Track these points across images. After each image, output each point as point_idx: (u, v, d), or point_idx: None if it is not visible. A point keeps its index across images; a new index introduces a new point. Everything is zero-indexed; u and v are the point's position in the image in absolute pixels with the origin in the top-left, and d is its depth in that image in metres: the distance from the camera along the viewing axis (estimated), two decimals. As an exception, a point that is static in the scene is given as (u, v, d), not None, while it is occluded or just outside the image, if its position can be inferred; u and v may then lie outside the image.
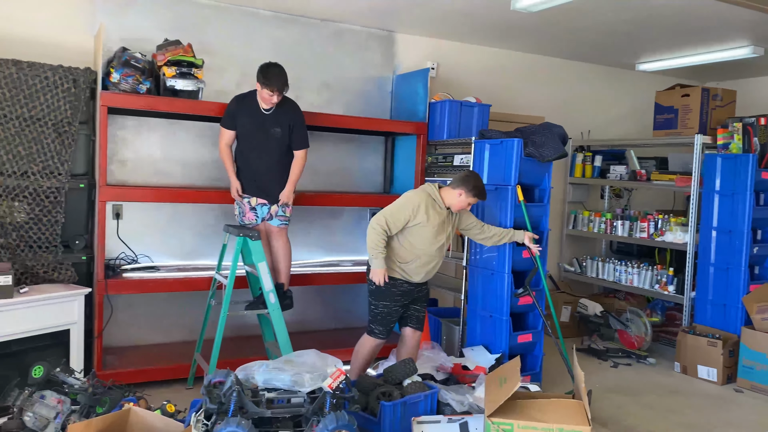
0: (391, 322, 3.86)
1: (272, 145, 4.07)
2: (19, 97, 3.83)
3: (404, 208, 3.71)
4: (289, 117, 4.09)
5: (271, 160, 4.09)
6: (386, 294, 3.80)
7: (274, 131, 4.03)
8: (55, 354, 3.60)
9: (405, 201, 3.75)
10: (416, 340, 3.97)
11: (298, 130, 4.12)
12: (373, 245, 3.67)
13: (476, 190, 3.78)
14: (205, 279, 4.31)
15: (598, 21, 4.90)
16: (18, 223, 3.88)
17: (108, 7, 4.40)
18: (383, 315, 3.82)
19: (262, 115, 4.05)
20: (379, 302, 3.82)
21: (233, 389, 2.83)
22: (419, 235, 3.74)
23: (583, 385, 3.06)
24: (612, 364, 5.14)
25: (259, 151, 4.09)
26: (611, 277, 5.88)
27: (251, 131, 4.08)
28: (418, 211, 3.69)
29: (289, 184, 4.13)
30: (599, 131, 6.71)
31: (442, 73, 5.71)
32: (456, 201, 3.79)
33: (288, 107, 4.11)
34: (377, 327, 3.85)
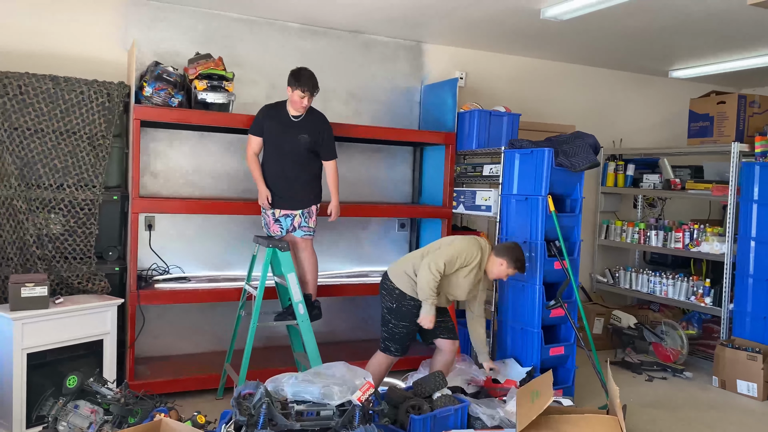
0: (408, 340, 3.85)
1: (299, 152, 4.06)
2: (55, 112, 3.92)
3: (463, 254, 3.73)
4: (317, 126, 4.09)
5: (296, 166, 4.08)
6: (407, 315, 3.78)
7: (302, 137, 4.04)
8: (89, 364, 3.65)
9: (463, 247, 3.77)
10: (454, 350, 3.93)
11: (327, 141, 4.12)
12: (429, 289, 3.66)
13: (518, 263, 3.82)
14: (235, 290, 4.33)
15: (629, 28, 4.83)
16: (54, 235, 3.96)
17: (141, 22, 4.49)
18: (402, 335, 3.80)
19: (290, 122, 4.07)
20: (399, 322, 3.80)
21: (263, 401, 2.83)
22: (457, 277, 3.77)
23: (618, 401, 2.99)
24: (647, 377, 5.02)
25: (284, 157, 4.10)
26: (645, 288, 5.75)
27: (278, 137, 4.09)
28: (472, 262, 3.74)
29: (333, 196, 4.17)
30: (631, 139, 6.60)
31: (471, 82, 5.68)
32: (496, 269, 3.83)
33: (316, 117, 4.13)
34: (394, 345, 3.83)
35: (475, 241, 3.85)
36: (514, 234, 4.42)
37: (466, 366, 4.24)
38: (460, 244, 3.81)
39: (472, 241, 3.84)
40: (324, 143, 4.11)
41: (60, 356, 3.59)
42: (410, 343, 3.88)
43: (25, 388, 3.42)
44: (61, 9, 4.28)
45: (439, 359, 3.93)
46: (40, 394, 3.41)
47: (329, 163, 4.15)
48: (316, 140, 4.07)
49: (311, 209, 4.13)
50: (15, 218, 3.84)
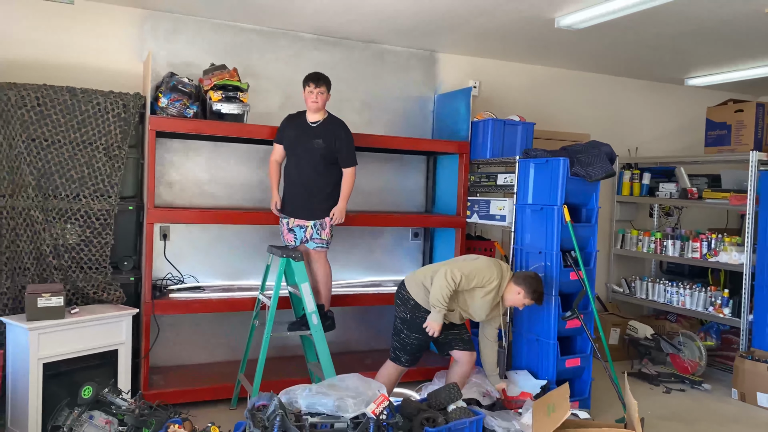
0: (419, 352, 3.83)
1: (314, 158, 4.05)
2: (72, 123, 3.95)
3: (481, 273, 3.71)
4: (334, 133, 4.07)
5: (312, 174, 4.07)
6: (420, 326, 3.75)
7: (316, 142, 4.03)
8: (103, 374, 3.66)
9: (484, 267, 3.74)
10: (471, 362, 3.89)
11: (345, 147, 4.09)
12: (441, 297, 3.63)
13: (536, 294, 3.77)
14: (249, 299, 4.33)
15: (644, 36, 4.80)
16: (70, 245, 3.98)
17: (156, 34, 4.53)
18: (414, 346, 3.79)
19: (307, 128, 4.08)
20: (412, 333, 3.78)
21: (277, 413, 2.83)
22: (473, 297, 3.75)
23: (637, 414, 2.94)
24: (664, 389, 4.94)
25: (300, 164, 4.10)
26: (662, 298, 5.68)
27: (295, 143, 4.11)
28: (490, 284, 3.71)
29: (341, 200, 4.10)
30: (647, 148, 6.54)
31: (484, 91, 5.67)
32: (512, 297, 3.80)
33: (334, 124, 4.11)
34: (405, 356, 3.81)
35: (497, 264, 3.82)
36: (529, 244, 4.39)
37: (482, 378, 4.21)
38: (483, 263, 3.78)
39: (494, 263, 3.81)
40: (341, 149, 4.07)
41: (75, 366, 3.60)
42: (421, 354, 3.85)
43: (40, 398, 3.43)
44: (78, 22, 4.33)
45: (456, 371, 3.90)
46: (56, 404, 3.42)
47: (347, 170, 4.12)
48: (332, 146, 4.04)
49: (324, 221, 4.09)
50: (32, 228, 3.87)
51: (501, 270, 3.79)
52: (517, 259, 4.48)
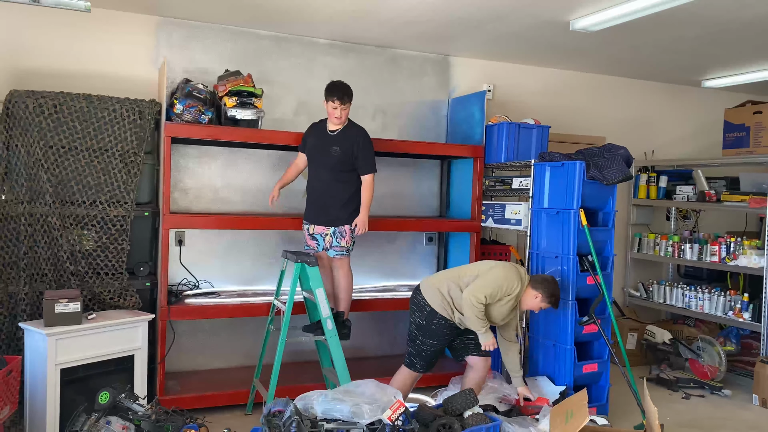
0: (434, 358, 3.81)
1: (332, 166, 4.06)
2: (89, 130, 3.99)
3: (503, 285, 3.68)
4: (353, 140, 4.07)
5: (331, 181, 4.08)
6: (436, 333, 3.74)
7: (333, 149, 4.04)
8: (119, 379, 3.67)
9: (504, 277, 3.70)
10: (486, 367, 3.86)
11: (364, 155, 4.08)
12: (478, 321, 3.64)
13: (553, 298, 3.77)
14: (264, 305, 4.33)
15: (660, 38, 4.75)
16: (87, 251, 4.01)
17: (171, 41, 4.56)
18: (429, 352, 3.76)
19: (327, 136, 4.10)
20: (427, 339, 3.76)
21: (293, 419, 2.82)
22: (496, 305, 3.72)
23: (657, 421, 2.90)
24: (683, 395, 4.87)
25: (320, 172, 4.12)
26: (680, 302, 5.61)
27: (315, 151, 4.14)
28: (513, 292, 3.70)
29: (361, 210, 4.10)
30: (664, 151, 6.47)
31: (499, 95, 5.65)
32: (530, 301, 3.78)
33: (354, 131, 4.12)
34: (420, 362, 3.78)
35: (515, 270, 3.78)
36: (545, 248, 4.36)
37: (498, 384, 4.17)
38: (500, 273, 3.73)
39: (512, 270, 3.77)
40: (359, 156, 4.07)
41: (92, 371, 3.62)
42: (436, 360, 3.82)
43: (58, 404, 3.45)
44: (95, 30, 4.36)
45: (471, 376, 3.87)
46: (73, 410, 3.43)
47: (365, 177, 4.11)
48: (350, 153, 4.05)
49: (344, 229, 4.08)
50: (50, 235, 3.91)
51: (520, 275, 3.76)
52: (533, 264, 4.45)
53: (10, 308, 3.83)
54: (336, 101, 3.97)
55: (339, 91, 3.97)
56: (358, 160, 4.08)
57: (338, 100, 3.97)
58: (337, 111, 3.99)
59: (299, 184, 4.88)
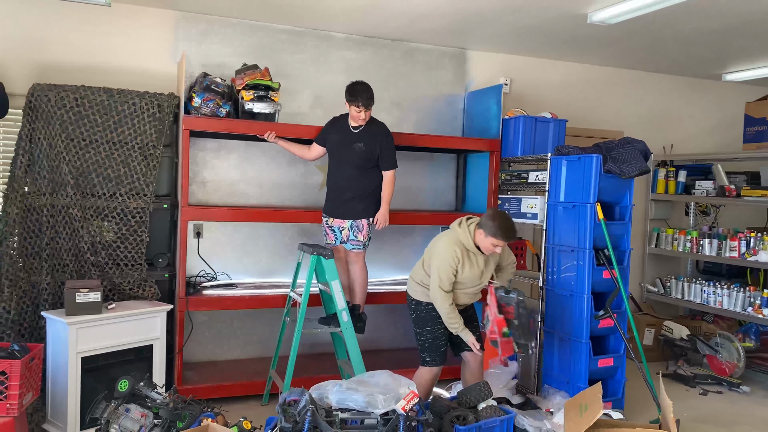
0: (440, 346, 3.76)
1: (354, 160, 4.11)
2: (109, 123, 4.05)
3: (447, 268, 3.57)
4: (375, 137, 4.12)
5: (352, 176, 4.13)
6: (426, 319, 3.74)
7: (357, 146, 4.09)
8: (138, 369, 3.74)
9: (443, 260, 3.58)
10: (478, 362, 3.83)
11: (386, 151, 4.14)
12: (450, 317, 3.60)
13: (493, 228, 3.49)
14: (281, 296, 4.38)
15: (680, 31, 4.70)
16: (107, 242, 4.08)
17: (190, 36, 4.60)
18: (431, 341, 3.75)
19: (349, 133, 4.14)
20: (423, 329, 3.76)
21: (308, 409, 2.85)
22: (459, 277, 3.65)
23: (672, 415, 2.89)
24: (701, 391, 4.84)
25: (342, 167, 4.16)
26: (698, 298, 5.55)
27: (337, 147, 4.19)
28: (458, 265, 3.60)
29: (382, 205, 4.18)
30: (683, 145, 6.41)
31: (515, 88, 5.63)
32: (483, 244, 3.58)
33: (376, 128, 4.16)
34: (429, 355, 3.77)
35: (450, 239, 3.62)
36: (561, 242, 4.34)
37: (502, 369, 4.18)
38: (442, 252, 3.60)
39: (448, 242, 3.61)
40: (382, 152, 4.13)
41: (112, 360, 3.69)
42: (445, 348, 3.78)
43: (79, 391, 3.53)
44: (115, 24, 4.42)
45: (467, 373, 3.86)
46: (93, 397, 3.50)
47: (387, 173, 4.18)
48: (373, 149, 4.10)
49: (361, 222, 4.13)
50: (71, 226, 3.98)
51: (457, 241, 3.60)
52: (549, 258, 4.44)
53: (33, 297, 3.91)
54: (361, 106, 4.01)
55: (363, 97, 4.00)
56: (382, 156, 4.13)
57: (363, 106, 4.01)
58: (361, 114, 4.04)
59: (316, 178, 4.93)
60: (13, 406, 3.08)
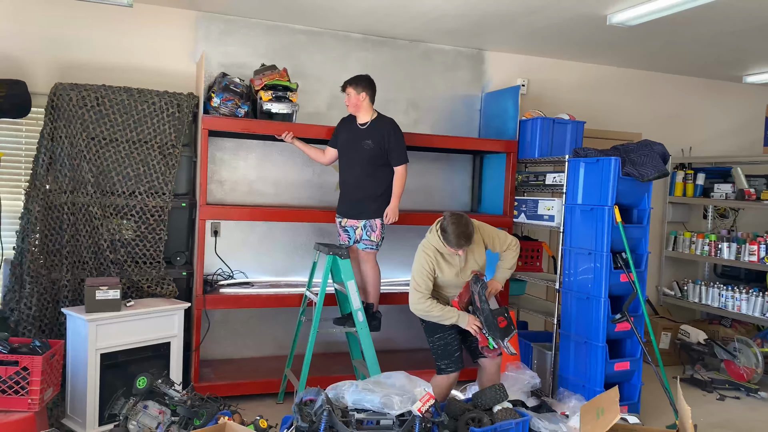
0: (453, 352, 3.72)
1: (362, 158, 4.10)
2: (129, 122, 4.09)
3: (423, 271, 3.60)
4: (383, 132, 4.09)
5: (362, 175, 4.12)
6: (436, 326, 3.71)
7: (365, 143, 4.08)
8: (156, 366, 3.76)
9: (419, 265, 3.63)
10: (496, 366, 3.81)
11: (395, 146, 4.10)
12: (441, 315, 3.58)
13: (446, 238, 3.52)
14: (296, 296, 4.40)
15: (700, 33, 4.65)
16: (126, 240, 4.12)
17: (209, 36, 4.64)
18: (443, 347, 3.72)
19: (357, 130, 4.14)
20: (433, 336, 3.74)
21: (324, 408, 2.86)
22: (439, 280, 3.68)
23: (690, 421, 2.87)
24: (718, 396, 4.79)
25: (350, 164, 4.17)
26: (716, 302, 5.51)
27: (346, 145, 4.19)
28: (434, 268, 3.62)
29: (393, 199, 4.13)
30: (701, 148, 6.35)
31: (533, 89, 5.60)
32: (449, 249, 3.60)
33: (384, 123, 4.14)
34: (443, 362, 3.73)
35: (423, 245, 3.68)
36: (578, 245, 4.32)
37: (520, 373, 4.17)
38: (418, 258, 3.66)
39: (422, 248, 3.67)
40: (391, 148, 4.10)
41: (130, 357, 3.72)
42: (459, 354, 3.73)
43: (98, 387, 3.56)
44: (135, 24, 4.47)
45: (483, 377, 3.83)
46: (111, 393, 3.54)
47: (398, 168, 4.14)
48: (381, 145, 4.08)
49: (374, 222, 4.12)
50: (91, 224, 4.02)
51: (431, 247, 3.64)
52: (566, 260, 4.42)
53: (53, 294, 3.96)
54: (348, 87, 4.07)
55: (350, 78, 4.08)
56: (391, 151, 4.10)
57: (349, 86, 4.06)
58: (348, 99, 4.09)
59: (332, 177, 4.94)
60: (34, 402, 3.13)
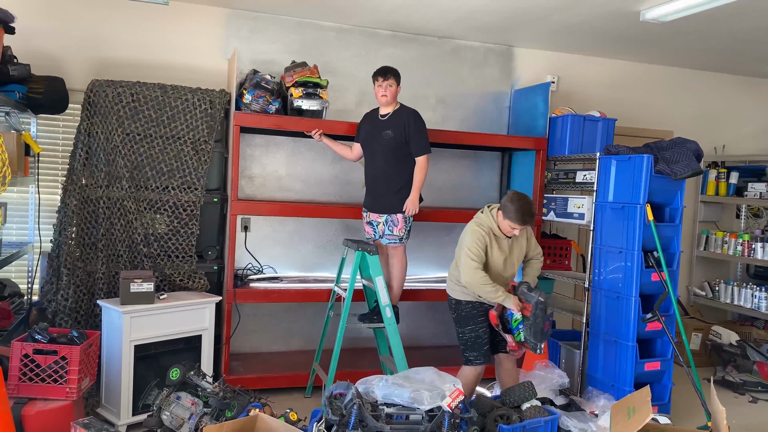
0: (482, 345, 3.72)
1: (384, 150, 4.07)
2: (162, 118, 4.16)
3: (476, 241, 3.60)
4: (404, 122, 4.04)
5: (385, 168, 4.10)
6: (467, 318, 3.72)
7: (385, 134, 4.05)
8: (187, 358, 3.82)
9: (471, 237, 3.62)
10: (512, 361, 3.82)
11: (416, 136, 4.05)
12: (488, 289, 3.54)
13: (509, 212, 3.54)
14: (325, 291, 4.43)
15: (736, 29, 4.57)
16: (159, 234, 4.20)
17: (240, 34, 4.69)
18: (472, 339, 3.73)
19: (378, 122, 4.13)
20: (464, 327, 3.75)
21: (354, 402, 2.88)
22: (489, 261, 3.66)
23: (725, 422, 2.83)
24: (750, 398, 4.71)
25: (372, 156, 4.16)
26: (748, 303, 5.41)
27: (368, 138, 4.18)
28: (486, 242, 3.61)
29: (412, 191, 4.07)
30: (735, 146, 6.23)
31: (563, 86, 5.56)
32: (502, 225, 3.62)
33: (404, 114, 4.09)
34: (472, 354, 3.74)
35: (474, 223, 3.69)
36: (608, 243, 4.28)
37: (549, 372, 4.15)
38: (469, 233, 3.66)
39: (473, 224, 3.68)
40: (412, 138, 4.04)
41: (162, 349, 3.79)
42: (487, 347, 3.73)
43: (132, 378, 3.64)
44: (169, 22, 4.54)
45: (502, 372, 3.85)
46: (144, 384, 3.62)
47: (419, 159, 4.07)
48: (402, 135, 4.02)
49: (396, 217, 4.10)
50: (125, 218, 4.10)
51: (483, 223, 3.65)
52: (596, 259, 4.38)
53: (89, 286, 4.05)
54: (379, 78, 4.02)
55: (380, 70, 4.03)
56: (411, 142, 4.04)
57: (381, 76, 4.01)
58: (382, 89, 4.02)
59: (359, 174, 4.96)
60: (72, 390, 3.21)
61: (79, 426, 2.90)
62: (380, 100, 4.09)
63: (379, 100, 4.10)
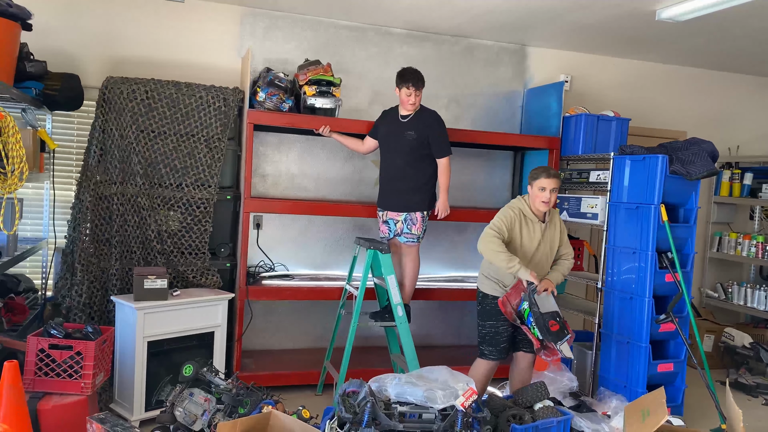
0: (500, 342, 3.72)
1: (405, 151, 4.09)
2: (176, 115, 4.17)
3: (501, 218, 3.66)
4: (426, 124, 4.08)
5: (404, 167, 4.12)
6: (489, 313, 3.72)
7: (407, 134, 4.07)
8: (200, 355, 3.85)
9: (501, 214, 3.71)
10: (527, 362, 3.81)
11: (438, 137, 4.09)
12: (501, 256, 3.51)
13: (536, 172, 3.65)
14: (336, 289, 4.43)
15: (753, 29, 4.53)
16: (172, 231, 4.21)
17: (254, 32, 4.70)
18: (491, 335, 3.73)
19: (399, 123, 4.13)
20: (486, 322, 3.75)
21: (367, 400, 2.88)
22: (521, 241, 3.66)
23: (742, 425, 2.81)
24: (764, 401, 4.68)
25: (393, 157, 4.17)
26: (762, 305, 5.37)
27: (387, 137, 4.19)
28: (512, 226, 3.63)
29: (441, 193, 4.17)
30: (750, 147, 6.18)
31: (576, 86, 5.53)
32: (534, 198, 3.68)
33: (426, 115, 4.13)
34: (487, 348, 3.75)
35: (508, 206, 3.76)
36: (622, 243, 4.26)
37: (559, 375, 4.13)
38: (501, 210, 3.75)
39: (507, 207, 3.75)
40: (433, 140, 4.08)
41: (175, 345, 3.80)
42: (505, 345, 3.74)
43: (145, 374, 3.66)
44: (184, 20, 4.55)
45: (515, 372, 3.84)
46: (157, 380, 3.63)
47: (441, 160, 4.12)
48: (424, 137, 4.06)
49: (415, 215, 4.12)
50: (139, 215, 4.12)
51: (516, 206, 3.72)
52: (609, 259, 4.36)
53: (103, 282, 4.06)
54: (411, 87, 4.01)
55: (413, 78, 4.01)
56: (433, 143, 4.09)
57: (413, 87, 4.01)
58: (411, 98, 4.03)
59: (371, 173, 4.96)
60: (87, 385, 3.23)
61: (95, 421, 2.92)
62: (406, 106, 4.11)
63: (404, 104, 4.11)
